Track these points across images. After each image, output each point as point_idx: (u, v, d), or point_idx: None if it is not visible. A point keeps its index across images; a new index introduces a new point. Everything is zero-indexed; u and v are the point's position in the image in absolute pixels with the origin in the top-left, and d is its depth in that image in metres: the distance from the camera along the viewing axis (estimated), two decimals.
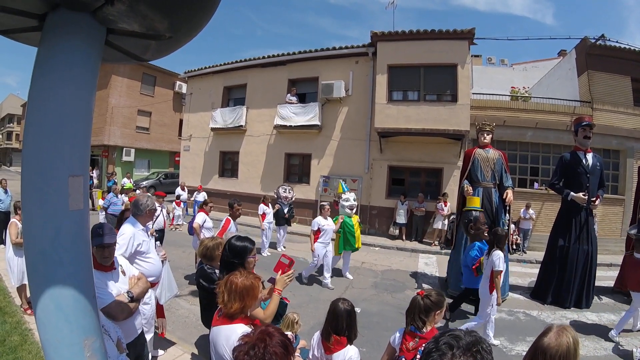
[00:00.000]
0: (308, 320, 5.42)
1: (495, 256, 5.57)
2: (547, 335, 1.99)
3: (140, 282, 3.24)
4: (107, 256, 3.07)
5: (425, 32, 13.34)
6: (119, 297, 2.95)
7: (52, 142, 1.72)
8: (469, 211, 7.22)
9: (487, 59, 27.63)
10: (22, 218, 1.82)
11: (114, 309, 2.85)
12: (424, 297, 3.02)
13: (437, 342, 1.34)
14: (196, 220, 7.77)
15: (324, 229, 8.26)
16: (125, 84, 26.03)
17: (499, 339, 5.92)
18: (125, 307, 2.95)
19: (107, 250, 3.06)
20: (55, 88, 1.75)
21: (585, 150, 7.81)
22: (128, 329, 3.14)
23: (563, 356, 1.90)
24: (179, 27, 2.07)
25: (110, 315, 2.83)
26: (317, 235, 8.23)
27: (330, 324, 3.03)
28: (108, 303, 2.84)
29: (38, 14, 1.83)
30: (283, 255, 3.41)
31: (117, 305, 2.89)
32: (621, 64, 14.18)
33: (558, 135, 13.62)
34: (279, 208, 11.52)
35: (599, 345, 5.84)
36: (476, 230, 6.63)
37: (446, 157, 14.11)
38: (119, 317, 2.89)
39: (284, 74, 17.19)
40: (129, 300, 3.00)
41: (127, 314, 2.99)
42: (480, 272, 6.05)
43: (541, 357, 1.94)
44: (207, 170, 19.77)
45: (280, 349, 1.74)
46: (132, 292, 3.06)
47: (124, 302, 2.95)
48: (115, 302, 2.88)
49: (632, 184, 12.83)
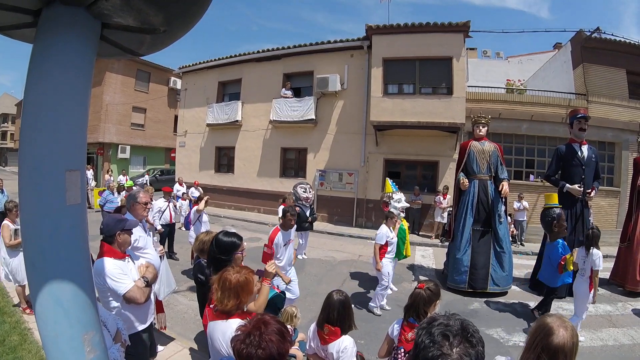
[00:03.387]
0: (306, 314, 5.44)
1: (595, 255, 5.59)
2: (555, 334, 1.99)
3: (150, 268, 3.46)
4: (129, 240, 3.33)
5: (420, 25, 13.34)
6: (137, 282, 3.18)
7: (48, 138, 1.71)
8: (550, 209, 6.91)
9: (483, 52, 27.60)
10: (20, 214, 1.82)
11: (137, 292, 3.09)
12: (425, 289, 3.07)
13: (430, 335, 1.33)
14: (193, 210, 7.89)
15: (392, 242, 6.78)
16: (120, 80, 25.84)
17: (495, 329, 5.96)
18: (146, 291, 3.22)
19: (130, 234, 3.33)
20: (51, 84, 1.74)
21: (581, 143, 7.84)
22: (144, 314, 3.41)
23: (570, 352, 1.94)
24: (173, 21, 2.05)
25: (134, 299, 3.08)
26: (384, 250, 6.70)
27: (324, 313, 3.06)
28: (130, 287, 3.07)
29: (33, 10, 1.81)
30: (265, 245, 3.43)
31: (139, 289, 3.12)
32: (616, 57, 14.25)
33: (553, 127, 13.68)
34: (299, 211, 9.25)
35: (595, 335, 5.89)
36: (559, 227, 6.51)
37: (442, 150, 14.15)
38: (141, 299, 3.14)
39: (279, 68, 17.15)
40: (145, 285, 3.23)
41: (147, 298, 3.24)
42: (565, 269, 5.99)
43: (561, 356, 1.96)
44: (203, 166, 19.75)
45: (276, 336, 1.76)
46: (147, 277, 3.30)
47: (143, 287, 3.19)
48: (136, 286, 3.11)
49: (627, 176, 12.91)
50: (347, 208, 15.48)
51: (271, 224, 14.80)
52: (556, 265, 6.09)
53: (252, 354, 1.69)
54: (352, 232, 13.87)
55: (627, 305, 7.24)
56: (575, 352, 1.95)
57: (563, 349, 1.94)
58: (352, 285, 8.02)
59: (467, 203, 8.09)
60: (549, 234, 6.73)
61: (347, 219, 15.29)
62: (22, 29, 1.99)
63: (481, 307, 7.11)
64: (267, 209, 17.16)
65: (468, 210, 8.04)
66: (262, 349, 1.69)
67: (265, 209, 17.29)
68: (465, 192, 8.16)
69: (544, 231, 7.17)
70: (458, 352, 1.27)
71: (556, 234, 6.46)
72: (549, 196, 7.33)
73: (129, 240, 3.26)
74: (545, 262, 6.58)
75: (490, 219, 7.96)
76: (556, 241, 6.30)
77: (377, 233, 6.79)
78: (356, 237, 13.37)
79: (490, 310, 6.93)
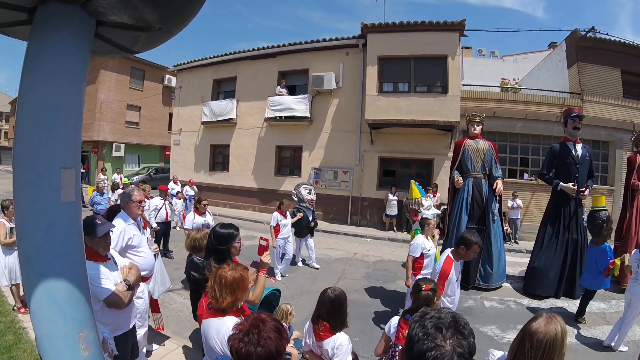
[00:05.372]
0: (301, 311, 5.44)
1: None
2: (536, 321, 1.96)
3: (133, 270, 3.32)
4: (109, 243, 3.18)
5: (415, 24, 13.36)
6: (118, 286, 3.04)
7: (43, 135, 1.72)
8: (599, 211, 6.77)
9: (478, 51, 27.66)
10: (15, 212, 1.81)
11: (117, 297, 2.96)
12: (430, 290, 3.14)
13: (423, 327, 1.35)
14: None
15: (428, 254, 5.90)
16: (114, 78, 25.70)
17: (490, 327, 5.99)
18: (127, 294, 3.07)
19: (109, 238, 3.17)
20: (46, 81, 1.75)
21: (575, 141, 7.87)
22: (126, 318, 3.24)
23: (550, 343, 1.88)
24: (168, 18, 2.06)
25: (114, 304, 2.96)
26: (420, 263, 5.85)
27: (318, 310, 3.07)
28: (110, 292, 2.94)
29: (28, 7, 1.82)
30: (261, 237, 3.49)
31: (119, 293, 2.99)
32: (611, 56, 14.31)
33: (548, 126, 13.74)
34: (302, 216, 8.75)
35: (588, 333, 5.93)
36: (608, 230, 6.44)
37: (436, 148, 14.19)
38: (122, 305, 3.01)
39: (274, 66, 17.12)
40: (127, 288, 3.10)
41: (128, 302, 3.10)
42: (613, 273, 5.91)
43: (528, 341, 1.91)
44: (197, 164, 19.69)
45: (274, 333, 1.75)
46: (128, 280, 3.16)
47: (124, 291, 3.05)
48: (116, 291, 2.98)
49: (621, 175, 12.94)
50: (342, 206, 15.49)
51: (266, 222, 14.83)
52: (603, 269, 6.03)
53: (252, 352, 1.68)
54: (347, 230, 13.91)
55: (621, 302, 7.25)
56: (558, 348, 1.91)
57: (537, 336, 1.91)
58: (347, 283, 8.03)
59: (462, 201, 8.11)
60: (595, 237, 6.58)
61: (342, 217, 15.31)
62: (17, 26, 1.99)
63: (475, 304, 7.14)
64: (262, 207, 17.18)
65: (462, 208, 8.06)
66: (261, 346, 1.69)
67: (260, 207, 17.30)
68: (460, 191, 8.18)
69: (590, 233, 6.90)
70: (451, 344, 1.29)
71: (603, 237, 6.39)
72: (597, 198, 7.22)
73: (103, 244, 3.09)
74: (589, 266, 6.45)
75: (484, 217, 8.01)
76: (603, 245, 6.25)
77: (410, 243, 6.03)
78: (351, 235, 13.41)
79: (485, 308, 6.97)
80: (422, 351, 1.30)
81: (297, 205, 9.00)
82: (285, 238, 8.26)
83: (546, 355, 1.88)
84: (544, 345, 1.88)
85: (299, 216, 8.62)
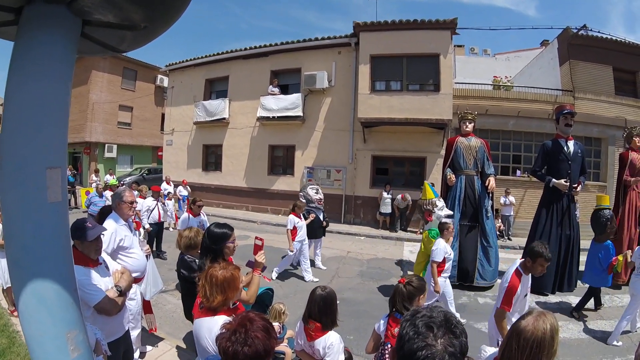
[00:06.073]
0: (295, 310, 5.42)
1: None
2: (525, 319, 1.92)
3: (125, 275, 3.22)
4: (100, 247, 3.09)
5: (407, 22, 13.40)
6: (109, 292, 2.94)
7: (29, 135, 1.71)
8: (603, 210, 6.86)
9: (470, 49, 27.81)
10: (2, 214, 1.79)
11: (107, 304, 2.86)
12: (405, 284, 3.09)
13: (414, 326, 1.34)
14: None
15: (449, 258, 5.86)
16: (106, 79, 25.50)
17: (484, 323, 6.00)
18: (118, 301, 2.98)
19: (101, 241, 3.08)
20: (32, 81, 1.75)
21: (567, 138, 7.90)
22: (118, 324, 3.16)
23: (537, 342, 1.85)
24: (154, 17, 2.06)
25: (104, 310, 2.86)
26: (442, 267, 5.78)
27: (308, 309, 3.06)
28: (101, 298, 2.84)
29: (14, 7, 1.81)
30: (256, 237, 3.48)
31: (110, 300, 2.89)
32: (603, 54, 14.44)
33: (540, 123, 13.82)
34: (314, 217, 8.63)
35: (581, 327, 5.98)
36: (611, 228, 6.55)
37: (429, 146, 14.23)
38: (113, 311, 2.93)
39: (267, 65, 17.09)
40: (118, 294, 3.00)
41: (119, 308, 3.01)
42: (616, 270, 6.06)
43: (515, 340, 1.89)
44: (190, 164, 19.63)
45: (262, 332, 1.75)
46: (120, 285, 3.06)
47: (115, 297, 2.96)
48: (107, 297, 2.88)
49: (613, 171, 13.07)
50: (335, 205, 15.46)
51: (259, 221, 14.82)
52: (606, 266, 6.13)
53: (238, 351, 1.68)
54: (340, 229, 13.87)
55: (614, 297, 7.34)
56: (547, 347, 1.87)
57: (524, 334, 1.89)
58: (341, 281, 8.04)
59: (454, 198, 8.13)
60: (598, 235, 6.67)
61: (335, 215, 15.27)
62: (3, 26, 1.98)
63: (469, 301, 7.17)
64: (255, 206, 17.16)
65: (455, 205, 8.08)
66: (248, 345, 1.69)
67: (253, 206, 17.28)
68: (453, 188, 8.20)
69: (593, 231, 6.90)
70: (442, 343, 1.29)
71: (607, 235, 6.49)
72: (601, 197, 7.35)
73: (94, 248, 3.01)
74: (592, 263, 6.51)
75: (477, 214, 8.03)
76: (606, 242, 6.33)
77: (432, 249, 5.86)
78: (345, 234, 13.41)
79: (479, 305, 7.00)
80: (413, 350, 1.29)
81: (306, 206, 8.72)
82: (302, 240, 8.07)
83: (533, 354, 1.85)
84: (530, 345, 1.85)
85: (311, 217, 8.52)
